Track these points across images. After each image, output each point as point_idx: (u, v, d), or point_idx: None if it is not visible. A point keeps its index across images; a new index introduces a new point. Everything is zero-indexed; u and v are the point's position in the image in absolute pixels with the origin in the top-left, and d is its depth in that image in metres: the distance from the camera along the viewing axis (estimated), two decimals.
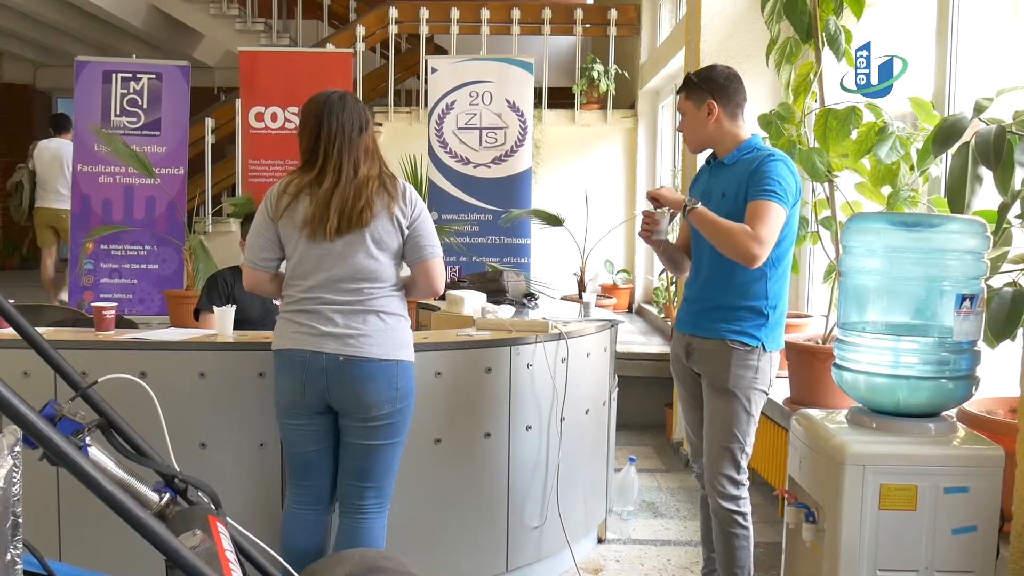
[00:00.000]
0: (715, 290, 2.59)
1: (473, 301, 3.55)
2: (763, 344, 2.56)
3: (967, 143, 2.43)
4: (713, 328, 2.57)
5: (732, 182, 2.57)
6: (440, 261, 2.52)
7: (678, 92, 2.72)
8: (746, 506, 2.53)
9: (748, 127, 2.68)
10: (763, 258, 2.38)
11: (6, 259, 12.09)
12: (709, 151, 2.72)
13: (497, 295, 3.92)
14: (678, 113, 2.73)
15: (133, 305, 6.31)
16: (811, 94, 3.51)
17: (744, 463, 2.52)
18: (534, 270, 5.98)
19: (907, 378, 1.86)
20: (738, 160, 2.61)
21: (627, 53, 7.84)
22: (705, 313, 2.61)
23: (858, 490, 1.75)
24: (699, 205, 2.47)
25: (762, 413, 2.92)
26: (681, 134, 2.78)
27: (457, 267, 5.88)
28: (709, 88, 2.60)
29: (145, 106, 6.43)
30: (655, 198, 2.57)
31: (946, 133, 2.52)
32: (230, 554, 1.47)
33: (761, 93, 4.22)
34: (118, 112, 6.43)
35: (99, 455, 1.57)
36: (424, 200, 5.78)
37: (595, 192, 6.64)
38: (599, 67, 7.37)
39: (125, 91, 6.44)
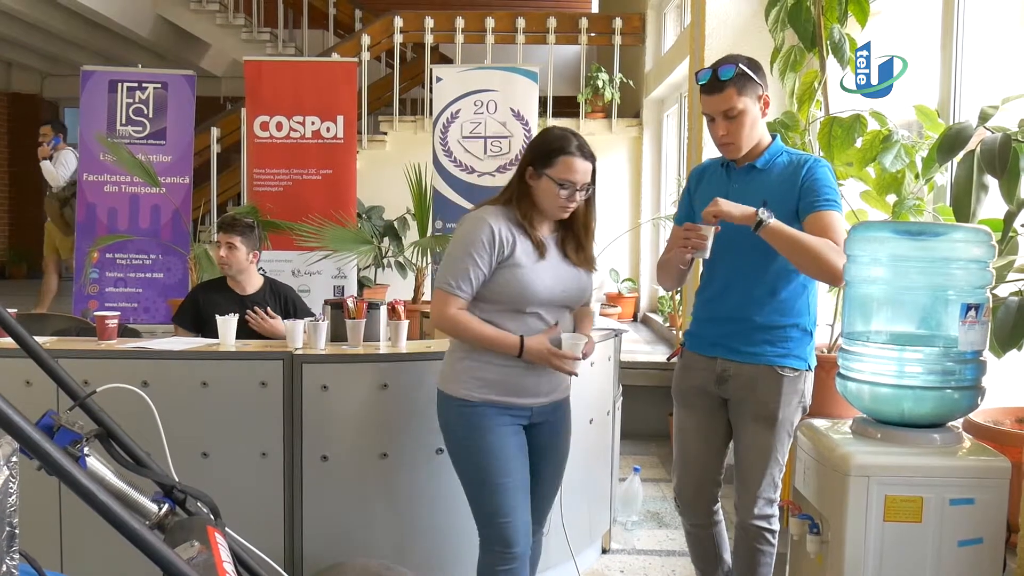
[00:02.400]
0: (753, 308, 2.34)
1: None
2: (809, 365, 2.39)
3: (972, 151, 2.42)
4: (756, 352, 2.33)
5: (774, 188, 2.32)
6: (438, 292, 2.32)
7: (714, 90, 2.31)
8: (777, 524, 2.38)
9: None
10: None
11: (13, 268, 12.14)
12: (709, 154, 2.60)
13: None
14: (719, 116, 2.33)
15: (138, 314, 6.32)
16: (816, 102, 3.50)
17: (780, 481, 2.36)
18: None
19: (912, 388, 1.84)
20: (773, 163, 2.38)
21: (632, 62, 7.85)
22: (743, 335, 2.35)
23: (863, 501, 1.73)
24: (773, 218, 2.18)
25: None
26: (723, 139, 2.37)
27: None
28: (762, 79, 2.32)
29: (151, 115, 6.46)
30: (716, 215, 2.21)
31: (951, 141, 2.51)
32: (228, 565, 1.46)
33: None
34: (124, 121, 6.45)
35: (97, 465, 1.56)
36: (429, 209, 5.85)
37: (600, 201, 6.60)
38: (604, 76, 7.37)
39: (131, 100, 6.46)
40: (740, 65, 2.29)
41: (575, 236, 2.41)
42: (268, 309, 3.58)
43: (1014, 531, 1.86)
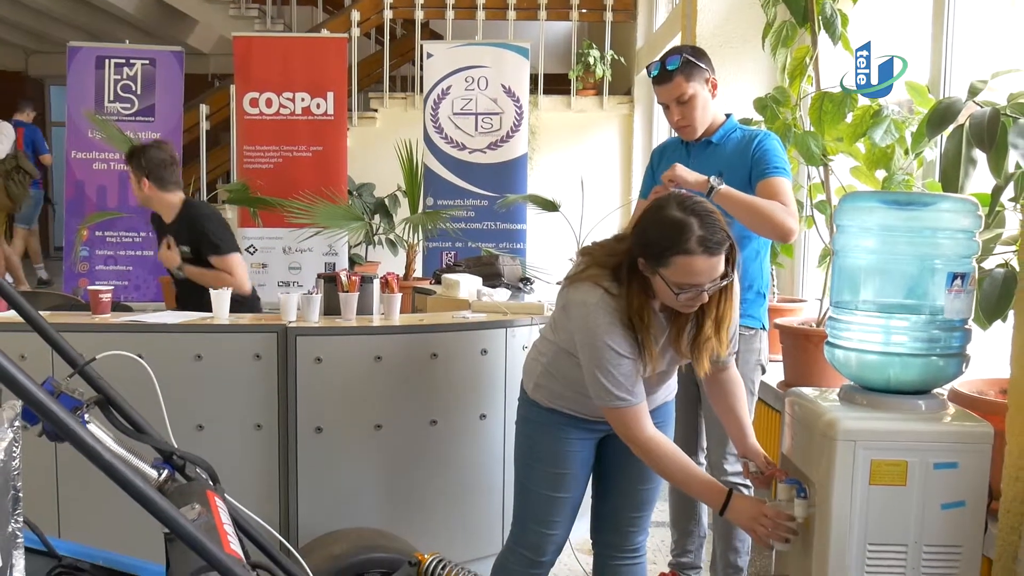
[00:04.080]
0: None
1: (469, 285, 3.56)
2: (763, 324, 2.64)
3: (961, 126, 2.44)
4: None
5: (729, 161, 2.54)
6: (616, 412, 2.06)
7: (664, 80, 2.54)
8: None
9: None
10: (796, 233, 2.42)
11: None
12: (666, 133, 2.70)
13: (493, 279, 3.94)
14: (672, 103, 2.55)
15: (129, 292, 6.32)
16: (807, 78, 3.51)
17: None
18: (530, 256, 5.99)
19: (899, 355, 1.88)
20: (727, 138, 2.61)
21: (623, 39, 7.83)
22: None
23: (849, 465, 1.77)
24: (725, 184, 2.34)
25: (757, 398, 2.94)
26: (679, 123, 2.60)
27: (453, 252, 5.89)
28: (707, 64, 2.57)
29: (139, 92, 6.42)
30: (672, 180, 2.35)
31: (940, 116, 2.53)
32: (228, 527, 1.48)
33: (757, 77, 4.22)
34: (111, 98, 6.42)
35: (98, 432, 1.58)
36: (420, 186, 5.85)
37: (591, 178, 6.63)
38: (595, 53, 7.36)
39: (119, 77, 6.42)
40: (685, 55, 2.53)
41: (698, 326, 2.01)
42: (172, 240, 3.45)
43: (995, 497, 1.90)
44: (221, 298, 3.04)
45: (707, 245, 1.84)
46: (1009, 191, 2.28)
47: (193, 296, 3.40)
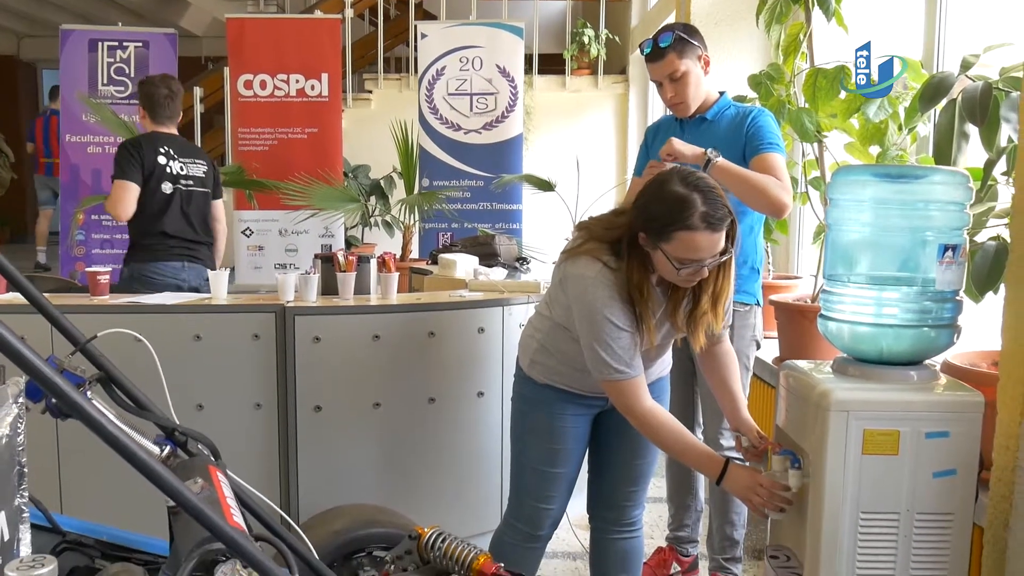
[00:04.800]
0: None
1: (465, 264, 3.58)
2: (757, 300, 2.67)
3: (954, 100, 2.45)
4: None
5: (723, 137, 2.55)
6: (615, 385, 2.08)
7: (657, 58, 2.55)
8: None
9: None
10: (790, 207, 2.44)
11: None
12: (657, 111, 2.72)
13: (489, 259, 3.95)
14: (665, 80, 2.56)
15: None
16: (801, 54, 3.51)
17: None
18: (526, 236, 6.00)
19: (891, 327, 1.90)
20: (721, 115, 2.62)
21: (618, 18, 7.81)
22: None
23: (842, 435, 1.79)
24: (721, 158, 2.36)
25: (753, 374, 2.97)
26: (673, 100, 2.61)
27: (449, 233, 5.90)
28: (700, 41, 2.58)
29: (132, 75, 6.39)
30: (669, 155, 2.35)
31: (933, 90, 2.53)
32: (231, 500, 1.50)
33: (751, 54, 4.22)
34: (105, 81, 6.39)
35: (101, 409, 1.60)
36: (415, 167, 5.84)
37: (586, 158, 6.63)
38: (590, 32, 7.34)
39: (112, 60, 6.40)
40: (677, 32, 2.53)
41: (695, 301, 2.04)
42: None
43: (987, 467, 1.93)
44: (219, 279, 3.05)
45: (710, 221, 1.85)
46: (1001, 165, 2.29)
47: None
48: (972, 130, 2.40)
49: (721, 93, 2.68)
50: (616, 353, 1.97)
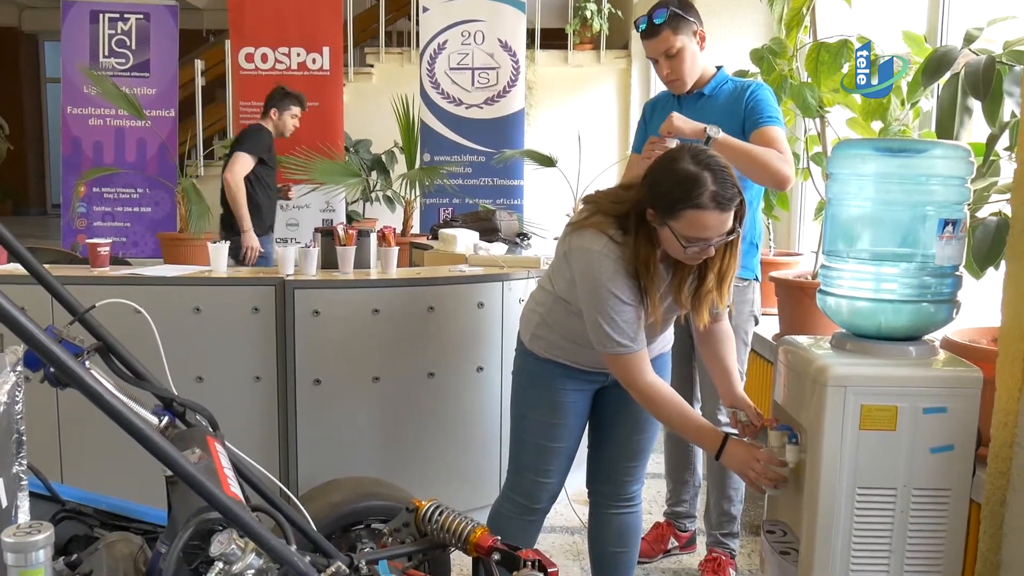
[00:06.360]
0: None
1: (465, 239, 3.57)
2: (756, 276, 2.68)
3: (957, 74, 2.43)
4: None
5: (722, 112, 2.53)
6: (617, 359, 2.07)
7: (652, 34, 2.52)
8: None
9: None
10: (793, 180, 2.43)
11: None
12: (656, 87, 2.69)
13: (490, 234, 3.95)
14: (661, 57, 2.55)
15: (127, 248, 6.33)
16: (803, 28, 3.48)
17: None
18: (527, 211, 5.99)
19: (889, 302, 1.89)
20: (719, 90, 2.60)
21: None
22: None
23: (839, 411, 1.79)
24: (722, 132, 2.34)
25: (751, 350, 2.98)
26: (669, 77, 2.61)
27: (450, 208, 5.88)
28: (695, 16, 2.55)
29: (133, 47, 6.37)
30: (669, 132, 2.33)
31: (936, 64, 2.51)
32: (228, 471, 1.51)
33: (754, 28, 4.19)
34: (106, 53, 6.36)
35: (99, 378, 1.61)
36: (416, 142, 5.82)
37: (588, 133, 6.60)
38: (592, 6, 7.27)
39: (113, 32, 6.36)
40: (672, 8, 2.49)
41: (700, 278, 2.03)
42: None
43: (984, 443, 1.93)
44: (219, 252, 3.05)
45: (719, 200, 1.84)
46: (1004, 140, 2.28)
47: None
48: (975, 105, 2.39)
49: (718, 68, 2.66)
50: (620, 327, 1.97)
